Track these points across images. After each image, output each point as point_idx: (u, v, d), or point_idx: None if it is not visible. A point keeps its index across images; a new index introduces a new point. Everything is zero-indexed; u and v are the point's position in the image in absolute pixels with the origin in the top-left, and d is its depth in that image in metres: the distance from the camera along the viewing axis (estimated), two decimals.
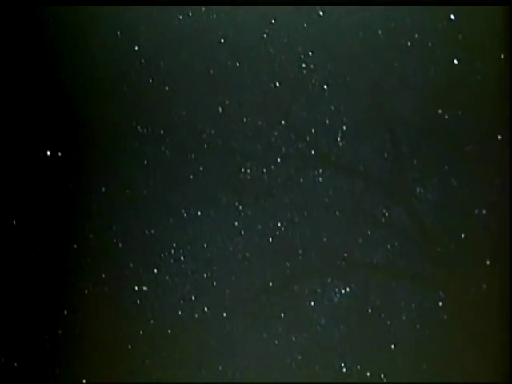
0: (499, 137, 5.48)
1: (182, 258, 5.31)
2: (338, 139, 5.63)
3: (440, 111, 5.56)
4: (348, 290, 5.41)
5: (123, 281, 5.17)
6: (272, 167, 5.58)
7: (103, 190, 5.32)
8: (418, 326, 5.32)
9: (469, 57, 5.48)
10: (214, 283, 5.26)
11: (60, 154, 5.24)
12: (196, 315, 5.14)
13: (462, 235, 5.40)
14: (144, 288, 5.15)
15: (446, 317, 5.24)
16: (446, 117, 5.55)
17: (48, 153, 5.18)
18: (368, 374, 5.14)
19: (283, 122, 5.60)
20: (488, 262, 5.06)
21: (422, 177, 5.59)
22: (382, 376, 5.14)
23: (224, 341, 5.14)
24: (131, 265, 5.23)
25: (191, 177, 5.45)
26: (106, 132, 5.33)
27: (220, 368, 5.08)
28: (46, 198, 5.15)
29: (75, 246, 5.16)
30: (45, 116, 5.18)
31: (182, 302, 5.17)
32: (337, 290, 5.40)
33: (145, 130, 5.40)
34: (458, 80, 5.51)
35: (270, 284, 5.37)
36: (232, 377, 5.07)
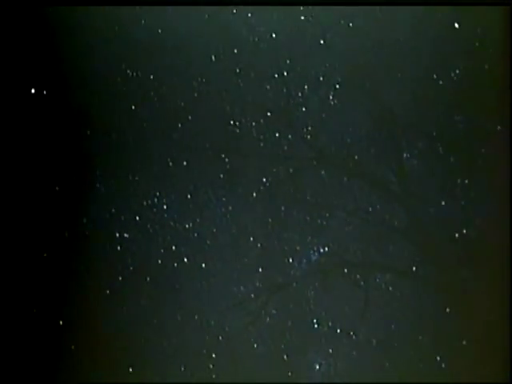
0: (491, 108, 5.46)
1: (164, 207, 5.31)
2: (331, 98, 5.55)
3: (435, 76, 5.49)
4: (326, 249, 5.51)
5: (104, 226, 5.16)
6: (261, 121, 5.51)
7: (88, 132, 5.21)
8: (390, 288, 5.47)
9: (469, 21, 5.37)
10: (196, 234, 5.29)
11: (45, 92, 5.07)
12: (175, 265, 5.20)
13: (443, 202, 5.48)
14: (125, 235, 5.16)
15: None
16: (441, 82, 5.48)
17: (33, 90, 5.01)
18: (338, 330, 5.32)
19: (276, 75, 5.47)
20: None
21: (411, 143, 5.58)
22: (352, 333, 5.33)
23: (201, 291, 5.24)
24: (113, 210, 5.21)
25: (179, 125, 5.36)
26: (93, 73, 5.16)
27: (196, 317, 5.20)
28: (28, 138, 5.02)
29: (57, 188, 5.09)
30: (32, 55, 4.97)
31: (162, 251, 5.21)
32: (315, 248, 5.48)
33: (134, 73, 5.23)
34: (457, 44, 5.42)
35: (251, 238, 5.42)
36: (207, 326, 5.20)
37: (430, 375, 4.99)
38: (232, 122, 5.38)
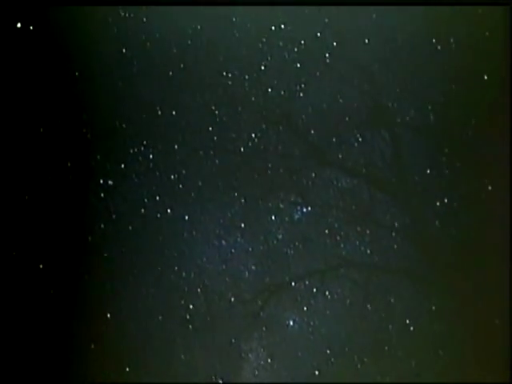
0: (485, 77, 5.41)
1: (151, 156, 5.24)
2: (327, 56, 5.44)
3: (433, 40, 5.40)
4: (309, 208, 5.54)
5: (89, 172, 5.08)
6: (254, 75, 5.40)
7: (76, 74, 5.04)
8: (368, 250, 5.57)
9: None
10: (180, 186, 5.26)
11: (32, 28, 4.85)
12: (158, 215, 5.19)
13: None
14: (109, 182, 5.10)
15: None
16: (439, 47, 5.40)
17: (18, 25, 4.78)
18: (314, 290, 5.43)
19: (273, 27, 5.32)
20: None
21: (403, 106, 5.54)
22: (327, 293, 5.45)
23: (182, 243, 5.26)
24: (98, 156, 5.12)
25: (170, 73, 5.22)
26: (83, 13, 4.93)
27: (176, 269, 5.25)
28: (13, 78, 4.84)
29: (41, 129, 4.97)
30: None
31: (146, 200, 5.18)
32: (299, 207, 5.51)
33: (127, 14, 5.02)
34: (456, 11, 5.31)
35: (235, 194, 5.41)
36: (186, 277, 5.25)
37: (402, 338, 5.15)
38: (224, 74, 5.25)
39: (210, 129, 5.26)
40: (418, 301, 5.17)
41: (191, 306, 5.12)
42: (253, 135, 5.34)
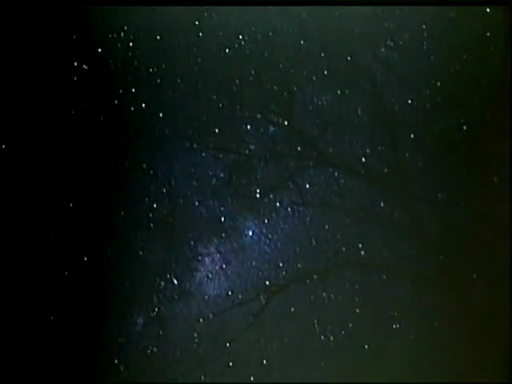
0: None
1: (131, 43, 4.96)
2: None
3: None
4: (285, 123, 5.48)
5: (62, 53, 4.76)
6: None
7: None
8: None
9: None
10: (159, 81, 5.05)
11: None
12: (132, 108, 4.99)
13: None
14: (84, 66, 4.81)
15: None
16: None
17: None
18: (278, 204, 5.49)
19: None
20: None
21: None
22: (289, 210, 5.52)
23: (153, 141, 5.13)
24: (74, 36, 4.79)
25: None
26: None
27: (144, 165, 5.14)
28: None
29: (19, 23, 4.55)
30: None
31: (120, 91, 4.95)
32: (275, 120, 5.44)
33: None
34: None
35: (214, 97, 5.27)
36: (154, 175, 5.15)
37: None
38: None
39: (196, 23, 4.98)
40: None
41: (155, 205, 5.06)
42: (240, 36, 5.12)
